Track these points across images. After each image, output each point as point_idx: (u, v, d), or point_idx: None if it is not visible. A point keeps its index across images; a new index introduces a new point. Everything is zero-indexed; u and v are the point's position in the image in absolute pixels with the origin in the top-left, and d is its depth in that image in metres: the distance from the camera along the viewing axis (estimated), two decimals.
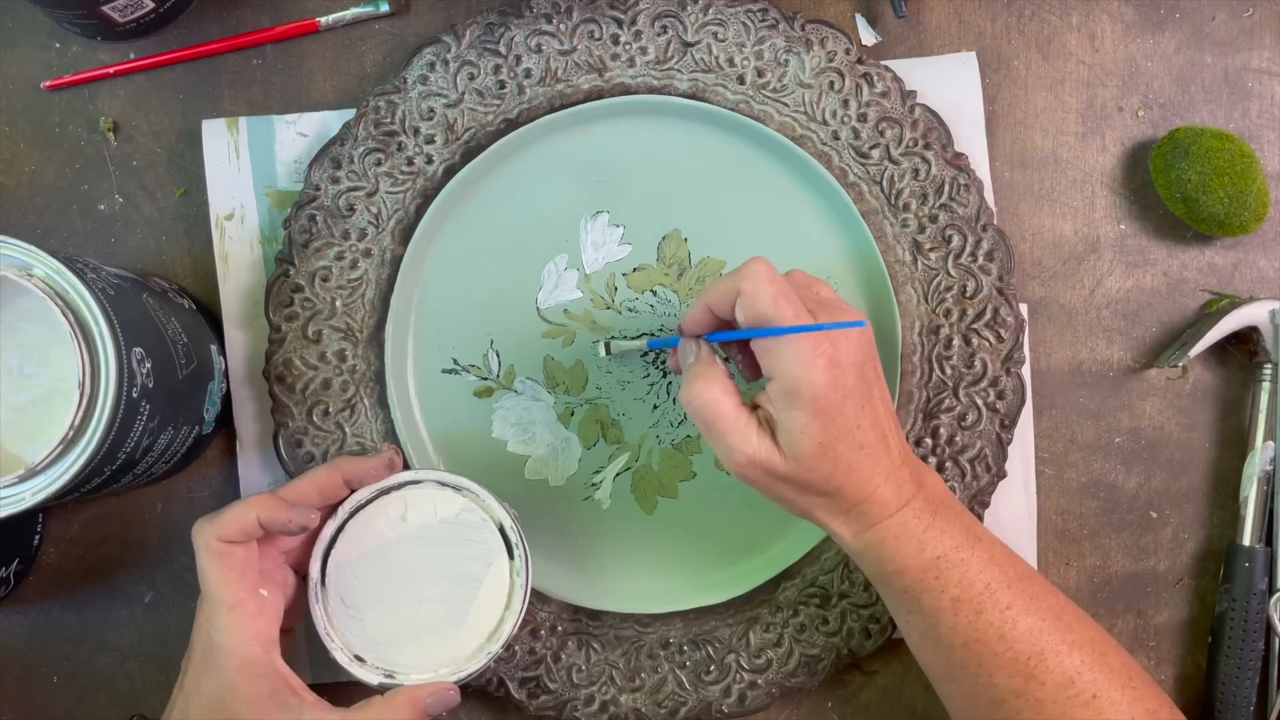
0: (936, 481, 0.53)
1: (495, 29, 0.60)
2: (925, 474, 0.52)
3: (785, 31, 0.60)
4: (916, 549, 0.50)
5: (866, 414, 0.49)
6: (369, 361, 0.61)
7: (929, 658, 0.53)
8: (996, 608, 0.50)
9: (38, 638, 0.63)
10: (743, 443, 0.50)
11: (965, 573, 0.50)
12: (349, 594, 0.54)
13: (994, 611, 0.50)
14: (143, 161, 0.63)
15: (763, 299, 0.49)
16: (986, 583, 0.50)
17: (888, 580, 0.51)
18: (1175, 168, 0.61)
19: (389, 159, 0.60)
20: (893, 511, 0.50)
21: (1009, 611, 0.50)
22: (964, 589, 0.50)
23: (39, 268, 0.47)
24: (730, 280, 0.50)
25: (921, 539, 0.50)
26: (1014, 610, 0.50)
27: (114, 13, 0.59)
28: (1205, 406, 0.64)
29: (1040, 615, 0.50)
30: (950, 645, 0.50)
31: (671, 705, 0.60)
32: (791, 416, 0.49)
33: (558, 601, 0.61)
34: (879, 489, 0.50)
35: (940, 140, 0.61)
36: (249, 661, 0.50)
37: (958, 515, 0.52)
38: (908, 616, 0.52)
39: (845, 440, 0.49)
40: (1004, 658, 0.49)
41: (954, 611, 0.50)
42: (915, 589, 0.51)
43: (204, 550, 0.51)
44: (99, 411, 0.47)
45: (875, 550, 0.51)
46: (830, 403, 0.48)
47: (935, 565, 0.50)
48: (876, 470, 0.50)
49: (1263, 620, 0.61)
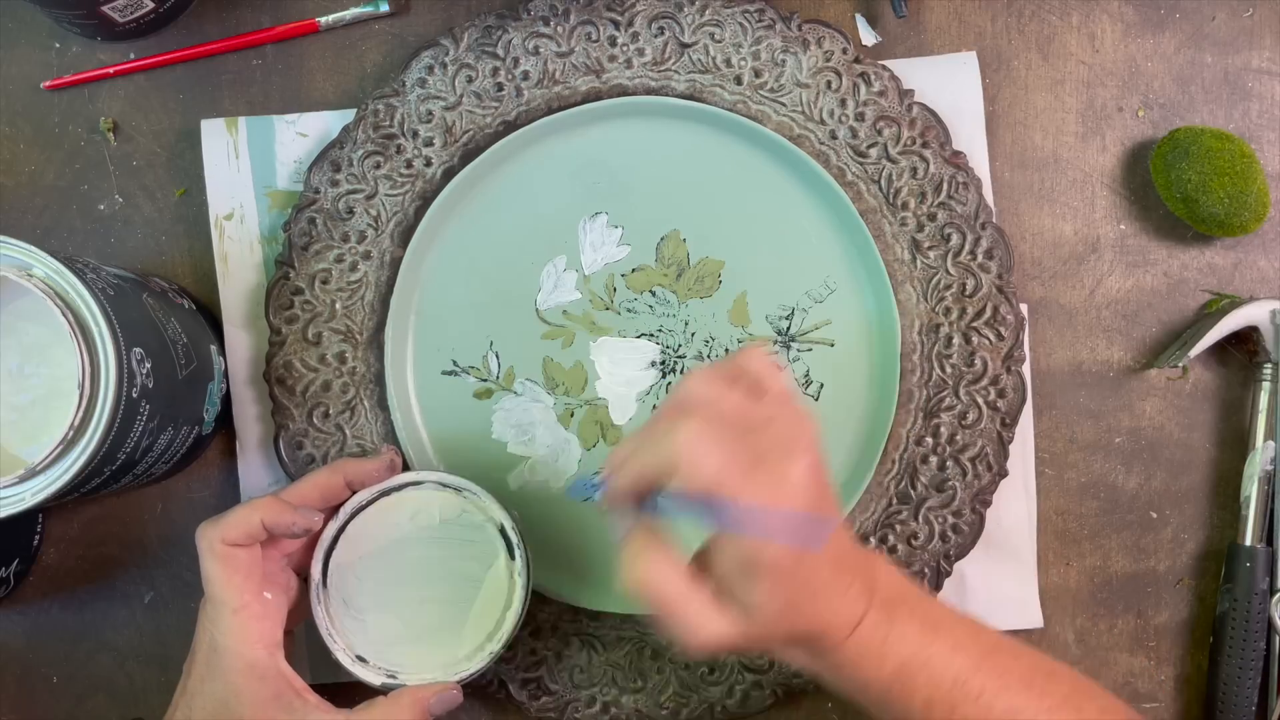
0: (887, 574, 0.49)
1: (493, 32, 0.61)
2: (876, 570, 0.49)
3: (782, 32, 0.61)
4: (877, 664, 0.47)
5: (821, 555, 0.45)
6: (369, 363, 0.61)
7: None
8: (968, 699, 0.47)
9: (38, 638, 0.63)
10: (705, 624, 0.44)
11: (931, 673, 0.47)
12: (351, 595, 0.54)
13: (967, 705, 0.47)
14: (143, 161, 0.63)
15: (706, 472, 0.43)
16: (954, 676, 0.47)
17: (855, 695, 0.48)
18: (1175, 168, 0.61)
19: (388, 162, 0.60)
20: (848, 633, 0.46)
21: (981, 699, 0.47)
22: (933, 689, 0.47)
23: (39, 268, 0.47)
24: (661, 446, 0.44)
25: (881, 652, 0.47)
26: (986, 695, 0.47)
27: (114, 13, 0.59)
28: (1205, 406, 0.64)
29: (1013, 692, 0.47)
30: None
31: (673, 706, 0.60)
32: (750, 589, 0.44)
33: (558, 602, 0.61)
34: (834, 619, 0.46)
35: (938, 139, 0.61)
36: (253, 665, 0.50)
37: (912, 609, 0.48)
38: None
39: (803, 592, 0.45)
40: None
41: (927, 711, 0.47)
42: (884, 699, 0.47)
43: (208, 553, 0.51)
44: (99, 411, 0.47)
45: (835, 672, 0.48)
46: (788, 569, 0.44)
47: (899, 675, 0.47)
48: (831, 603, 0.46)
49: (1264, 620, 0.61)
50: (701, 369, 0.47)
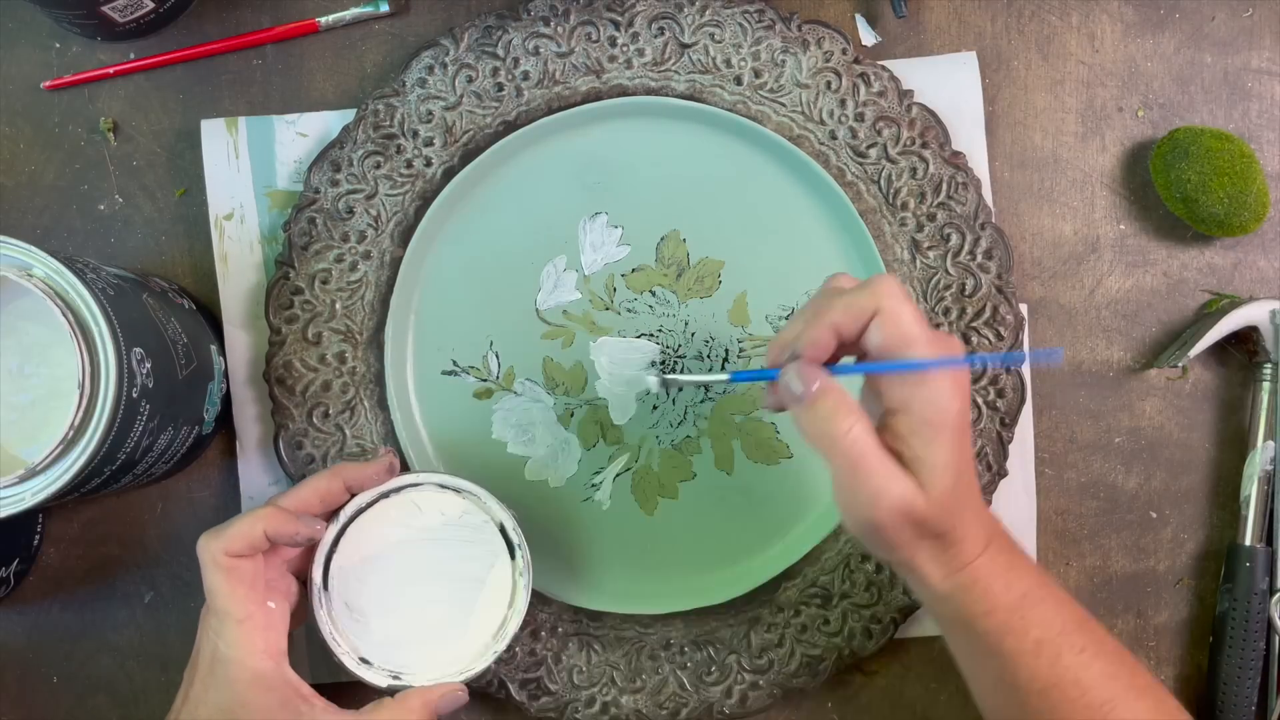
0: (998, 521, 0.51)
1: (493, 32, 0.61)
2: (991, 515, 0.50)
3: (782, 32, 0.61)
4: (1004, 587, 0.47)
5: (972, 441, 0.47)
6: (369, 363, 0.61)
7: (999, 702, 0.50)
8: (1073, 650, 0.47)
9: (38, 638, 0.63)
10: (891, 484, 0.45)
11: (1045, 612, 0.48)
12: (353, 597, 0.54)
13: (1071, 654, 0.47)
14: (143, 161, 0.63)
15: (907, 322, 0.45)
16: (1063, 624, 0.48)
17: (973, 623, 0.48)
18: (1175, 168, 0.61)
19: (388, 162, 0.60)
20: (982, 549, 0.47)
21: (1083, 655, 0.47)
22: (1045, 630, 0.47)
23: (39, 268, 0.47)
24: (863, 299, 0.46)
25: (1007, 577, 0.47)
26: (1087, 654, 0.47)
27: (114, 13, 0.59)
28: (1205, 406, 0.64)
29: (1108, 660, 0.48)
30: (1027, 692, 0.48)
31: (673, 706, 0.60)
32: (934, 451, 0.45)
33: (558, 603, 0.61)
34: (972, 525, 0.47)
35: (938, 139, 0.61)
36: (260, 675, 0.50)
37: (1023, 552, 0.50)
38: (984, 661, 0.49)
39: (969, 472, 0.46)
40: (1079, 704, 0.47)
41: (1035, 655, 0.47)
42: (1000, 631, 0.47)
43: (211, 565, 0.50)
44: (99, 411, 0.47)
45: (965, 592, 0.47)
46: (964, 433, 0.46)
47: (1020, 604, 0.47)
48: (976, 505, 0.47)
49: (1264, 620, 0.61)
50: None
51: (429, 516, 0.55)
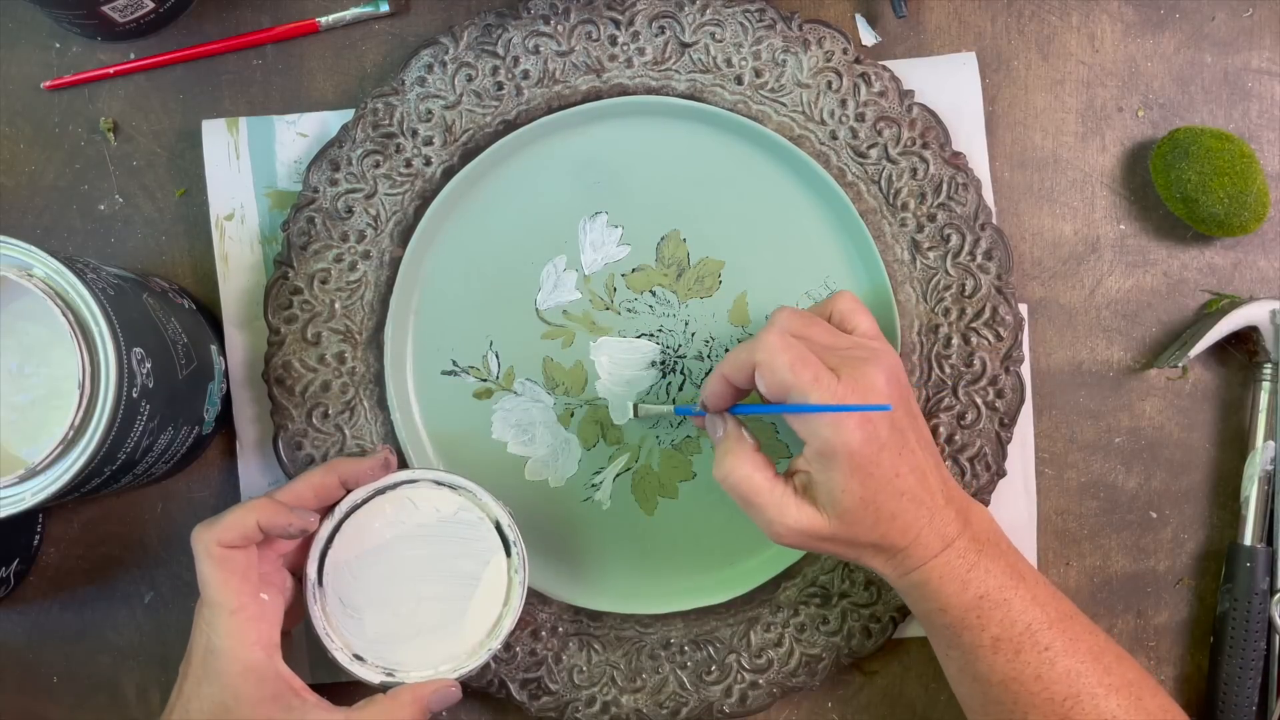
0: (983, 517, 0.53)
1: (493, 30, 0.61)
2: (972, 510, 0.53)
3: (783, 31, 0.61)
4: (959, 589, 0.50)
5: (904, 460, 0.50)
6: (368, 363, 0.61)
7: (965, 691, 0.53)
8: (1035, 648, 0.50)
9: (38, 638, 0.63)
10: (782, 514, 0.50)
11: (1007, 613, 0.50)
12: (347, 594, 0.54)
13: (1032, 652, 0.50)
14: (143, 161, 0.63)
15: (780, 369, 0.49)
16: (1028, 624, 0.50)
17: (930, 617, 0.52)
18: (1175, 168, 0.61)
19: (387, 161, 0.60)
20: (936, 553, 0.51)
21: (1047, 653, 0.50)
22: (1005, 629, 0.50)
23: (39, 268, 0.47)
24: (745, 352, 0.50)
25: (965, 579, 0.50)
26: (1052, 652, 0.50)
27: (114, 13, 0.59)
28: (1205, 406, 0.64)
29: (1079, 658, 0.50)
30: (987, 682, 0.51)
31: (673, 706, 0.60)
32: (829, 477, 0.49)
33: (558, 602, 0.61)
34: (922, 533, 0.50)
35: (938, 139, 0.61)
36: (251, 667, 0.50)
37: (1003, 553, 0.52)
38: (947, 651, 0.53)
39: (885, 491, 0.49)
40: (1040, 698, 0.50)
41: (993, 650, 0.50)
42: (956, 627, 0.51)
43: (204, 556, 0.51)
44: (99, 411, 0.47)
45: (919, 589, 0.51)
46: (866, 458, 0.49)
47: (977, 605, 0.50)
48: (919, 515, 0.50)
49: (1264, 620, 0.61)
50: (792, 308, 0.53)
51: (424, 513, 0.55)
